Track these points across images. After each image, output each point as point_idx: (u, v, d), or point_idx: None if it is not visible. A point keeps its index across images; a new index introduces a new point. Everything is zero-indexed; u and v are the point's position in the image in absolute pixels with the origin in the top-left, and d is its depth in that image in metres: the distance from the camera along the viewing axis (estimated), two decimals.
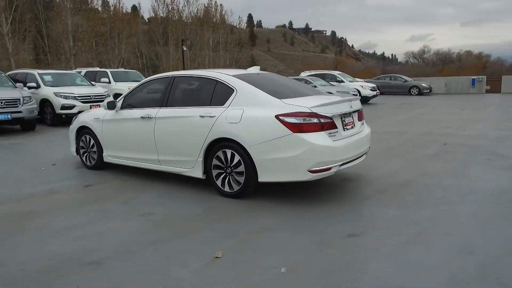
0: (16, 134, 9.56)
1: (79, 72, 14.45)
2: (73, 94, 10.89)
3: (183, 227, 3.52)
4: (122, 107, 5.30)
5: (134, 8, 68.76)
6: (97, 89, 11.91)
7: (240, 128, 4.08)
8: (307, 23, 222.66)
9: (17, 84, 10.56)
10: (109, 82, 14.46)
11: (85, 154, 5.89)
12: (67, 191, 4.82)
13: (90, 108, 9.85)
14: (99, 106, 10.02)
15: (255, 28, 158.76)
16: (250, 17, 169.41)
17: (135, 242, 3.20)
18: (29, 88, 10.93)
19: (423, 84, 25.31)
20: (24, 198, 4.49)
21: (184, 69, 27.82)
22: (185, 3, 47.53)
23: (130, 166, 5.31)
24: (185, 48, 26.11)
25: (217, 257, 2.88)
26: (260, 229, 3.43)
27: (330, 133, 3.96)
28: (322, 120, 3.89)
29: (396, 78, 27.13)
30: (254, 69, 5.07)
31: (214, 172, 4.37)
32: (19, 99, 9.34)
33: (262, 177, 4.02)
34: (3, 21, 22.98)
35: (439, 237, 3.17)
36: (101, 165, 5.70)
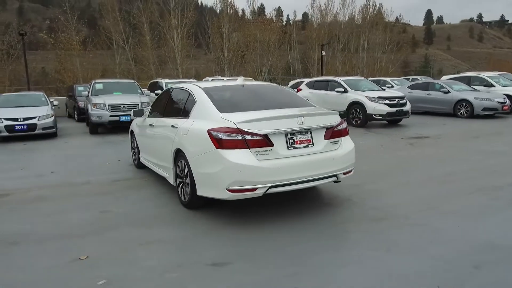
0: None
1: (206, 80, 16.43)
2: None
3: (107, 227, 3.90)
4: (149, 115, 6.01)
5: (305, 15, 72.48)
6: None
7: (186, 140, 4.19)
8: (502, 15, 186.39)
9: (145, 91, 12.86)
10: None
11: (133, 154, 6.89)
12: (96, 183, 5.79)
13: None
14: None
15: (434, 24, 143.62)
16: (429, 12, 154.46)
17: (57, 235, 3.74)
18: None
19: None
20: (60, 186, 5.64)
21: (322, 74, 27.81)
22: (340, 6, 47.03)
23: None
24: (323, 53, 26.13)
25: (80, 258, 3.15)
26: (150, 241, 3.52)
27: (258, 151, 3.65)
28: (247, 137, 3.63)
29: None
30: (240, 81, 4.99)
31: (178, 181, 4.57)
32: (138, 104, 11.39)
33: (199, 191, 4.01)
34: (174, 37, 28.00)
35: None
36: (141, 164, 6.56)
